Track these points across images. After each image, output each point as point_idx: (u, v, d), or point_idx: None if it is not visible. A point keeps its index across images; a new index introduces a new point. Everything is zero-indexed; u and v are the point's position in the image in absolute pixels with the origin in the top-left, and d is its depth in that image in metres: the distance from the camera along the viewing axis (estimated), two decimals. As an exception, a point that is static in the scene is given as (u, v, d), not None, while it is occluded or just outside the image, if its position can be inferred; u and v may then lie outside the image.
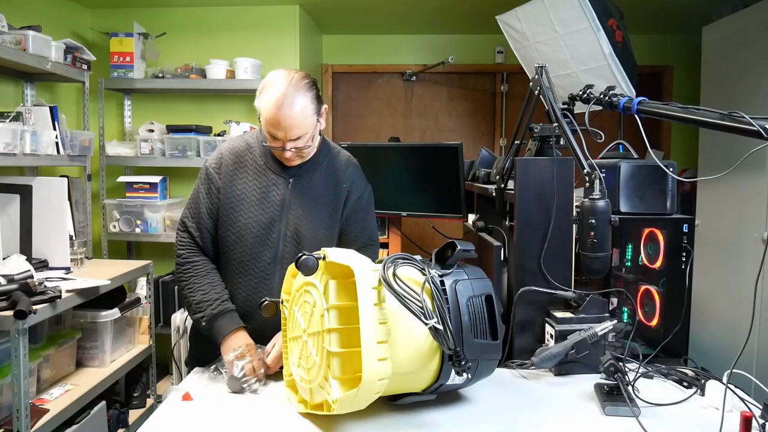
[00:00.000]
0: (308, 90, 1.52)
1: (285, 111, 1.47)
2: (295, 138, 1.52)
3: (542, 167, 1.63)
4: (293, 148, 1.54)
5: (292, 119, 1.48)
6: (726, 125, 1.25)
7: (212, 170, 1.65)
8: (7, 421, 1.97)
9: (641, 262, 1.82)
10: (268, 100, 1.49)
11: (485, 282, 1.33)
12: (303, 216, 1.62)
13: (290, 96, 1.48)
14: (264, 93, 1.51)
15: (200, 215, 1.64)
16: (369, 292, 1.16)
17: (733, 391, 1.32)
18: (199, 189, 1.66)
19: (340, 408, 1.15)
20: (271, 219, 1.60)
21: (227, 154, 1.66)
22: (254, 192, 1.62)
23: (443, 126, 4.37)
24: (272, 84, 1.50)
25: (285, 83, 1.49)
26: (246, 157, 1.66)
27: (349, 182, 1.69)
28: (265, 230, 1.60)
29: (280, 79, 1.50)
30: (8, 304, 1.91)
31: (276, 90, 1.48)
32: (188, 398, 1.39)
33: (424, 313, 1.15)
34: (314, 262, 1.22)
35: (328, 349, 1.16)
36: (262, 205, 1.61)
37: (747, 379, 1.35)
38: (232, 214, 1.61)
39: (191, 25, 3.51)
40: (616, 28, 2.50)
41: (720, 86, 3.13)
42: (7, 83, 2.84)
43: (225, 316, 1.56)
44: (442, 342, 1.17)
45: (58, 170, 3.06)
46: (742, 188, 2.91)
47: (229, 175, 1.63)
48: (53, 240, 2.44)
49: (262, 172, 1.64)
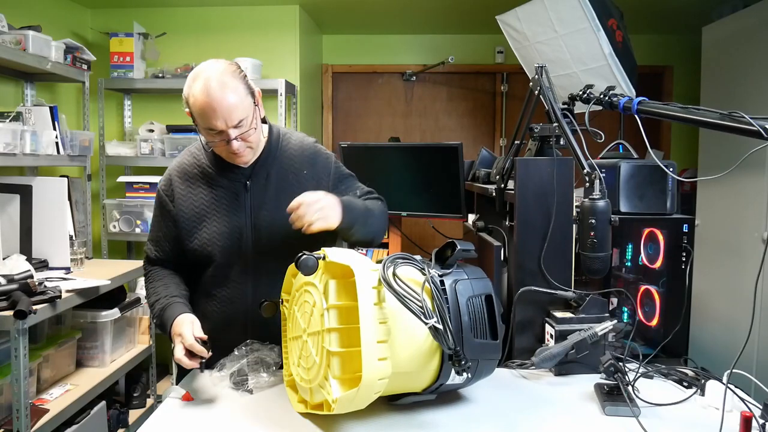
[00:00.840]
0: (235, 71, 1.43)
1: (216, 94, 1.36)
2: (237, 123, 1.40)
3: (542, 167, 1.63)
4: (238, 137, 1.42)
5: (227, 102, 1.37)
6: (726, 125, 1.25)
7: (163, 194, 1.57)
8: (7, 421, 1.97)
9: (641, 262, 1.82)
10: (195, 92, 1.39)
11: (485, 282, 1.33)
12: (270, 215, 1.53)
13: (218, 80, 1.38)
14: (190, 88, 1.41)
15: (158, 239, 1.60)
16: (369, 291, 1.16)
17: (733, 391, 1.32)
18: (155, 214, 1.61)
19: (340, 408, 1.15)
20: (234, 228, 1.52)
21: (175, 173, 1.57)
22: (212, 205, 1.53)
23: (443, 126, 4.37)
24: (196, 77, 1.40)
25: (208, 71, 1.40)
26: (194, 171, 1.56)
27: (310, 167, 1.58)
28: (230, 240, 1.52)
29: (203, 69, 1.41)
30: (8, 304, 1.91)
31: (201, 79, 1.39)
32: (188, 398, 1.39)
33: (424, 313, 1.15)
34: (314, 261, 1.22)
35: (327, 348, 1.16)
36: (222, 216, 1.52)
37: (747, 379, 1.35)
38: (194, 233, 1.53)
39: (191, 25, 3.51)
40: (616, 28, 2.50)
41: (720, 86, 3.13)
42: (7, 83, 2.84)
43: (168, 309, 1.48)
44: (441, 341, 1.17)
45: (58, 170, 3.06)
46: (742, 188, 2.91)
47: (181, 194, 1.55)
48: (53, 240, 2.44)
49: (215, 181, 1.54)
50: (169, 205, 1.55)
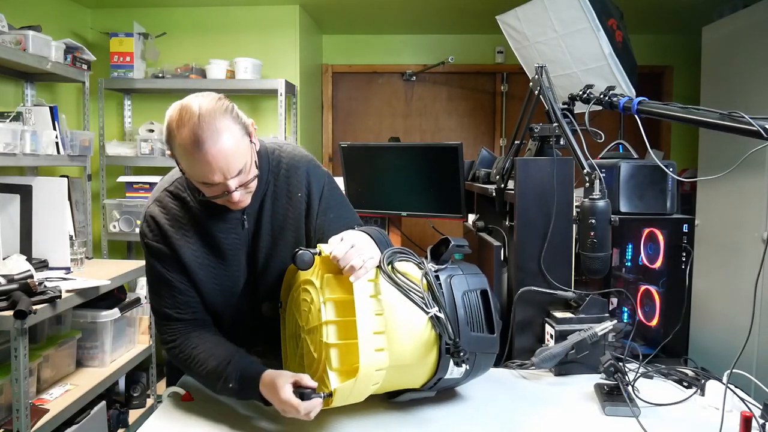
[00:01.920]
0: (225, 110, 1.20)
1: (211, 148, 1.15)
2: (237, 174, 1.20)
3: (542, 167, 1.63)
4: (238, 187, 1.22)
5: (224, 154, 1.16)
6: (726, 125, 1.25)
7: (155, 244, 1.34)
8: (7, 421, 1.97)
9: (641, 262, 1.82)
10: (183, 142, 1.16)
11: (480, 277, 1.34)
12: (266, 246, 1.39)
13: (207, 125, 1.15)
14: (176, 135, 1.18)
15: (175, 300, 1.34)
16: (365, 284, 1.17)
17: (733, 391, 1.32)
18: (154, 270, 1.35)
19: (338, 400, 1.15)
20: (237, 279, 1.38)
21: (164, 221, 1.34)
22: (209, 257, 1.35)
23: (443, 126, 4.37)
24: (180, 120, 1.17)
25: (196, 114, 1.16)
26: (182, 215, 1.34)
27: (304, 187, 1.40)
28: (232, 279, 1.38)
29: (188, 110, 1.18)
30: (8, 304, 1.91)
31: (188, 126, 1.16)
32: (188, 398, 1.39)
33: (425, 303, 1.15)
34: (310, 256, 1.22)
35: (325, 341, 1.17)
36: (224, 267, 1.36)
37: (747, 379, 1.35)
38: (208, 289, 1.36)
39: (191, 25, 3.51)
40: (616, 28, 2.50)
41: (720, 86, 3.13)
42: (7, 83, 2.84)
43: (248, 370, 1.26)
44: (443, 331, 1.17)
45: (58, 170, 3.06)
46: (742, 188, 2.91)
47: (174, 243, 1.32)
48: (53, 240, 2.44)
49: (209, 226, 1.34)
50: (170, 254, 1.33)
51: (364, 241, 1.23)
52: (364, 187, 2.87)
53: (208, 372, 1.28)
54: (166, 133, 1.21)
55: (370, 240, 1.26)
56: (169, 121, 1.20)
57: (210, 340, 1.33)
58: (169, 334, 1.35)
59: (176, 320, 1.35)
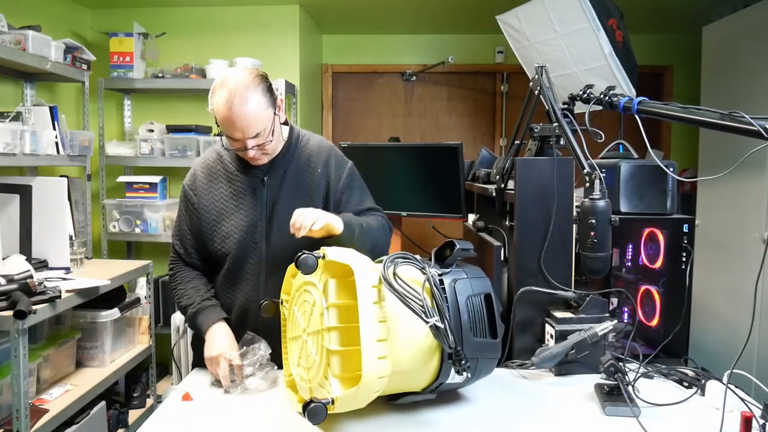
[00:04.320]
0: (258, 84, 1.48)
1: (237, 110, 1.44)
2: (254, 135, 1.49)
3: (542, 167, 1.63)
4: (254, 147, 1.51)
5: (246, 117, 1.46)
6: (726, 125, 1.25)
7: (188, 188, 1.67)
8: (7, 422, 1.96)
9: (641, 262, 1.82)
10: (219, 102, 1.46)
11: (484, 281, 1.33)
12: (284, 211, 1.58)
13: (240, 94, 1.44)
14: (214, 96, 1.48)
15: (182, 234, 1.68)
16: (368, 290, 1.16)
17: (734, 391, 1.32)
18: (180, 208, 1.70)
19: (340, 406, 1.15)
20: (250, 222, 1.60)
21: (199, 169, 1.67)
22: (231, 200, 1.62)
23: (443, 126, 4.37)
24: (221, 85, 1.47)
25: (233, 82, 1.45)
26: (217, 167, 1.66)
27: (324, 167, 1.65)
28: (246, 234, 1.60)
29: (228, 79, 1.47)
30: (8, 304, 1.91)
31: (224, 90, 1.45)
32: (188, 398, 1.39)
33: (425, 312, 1.15)
34: (313, 260, 1.22)
35: (327, 347, 1.16)
36: (240, 210, 1.61)
37: (747, 379, 1.35)
38: (215, 227, 1.62)
39: (191, 25, 3.51)
40: (617, 28, 2.50)
41: (720, 86, 3.13)
42: (7, 83, 2.84)
43: (204, 312, 1.58)
44: (442, 340, 1.17)
45: (57, 170, 3.05)
46: (742, 188, 2.91)
47: (204, 189, 1.64)
48: (53, 240, 2.44)
49: (235, 177, 1.63)
50: (193, 199, 1.65)
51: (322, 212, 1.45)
52: (364, 187, 2.86)
53: (180, 305, 1.64)
54: (211, 92, 1.49)
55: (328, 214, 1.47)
56: (214, 85, 1.49)
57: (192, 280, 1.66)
58: (170, 264, 1.72)
59: (174, 251, 1.70)
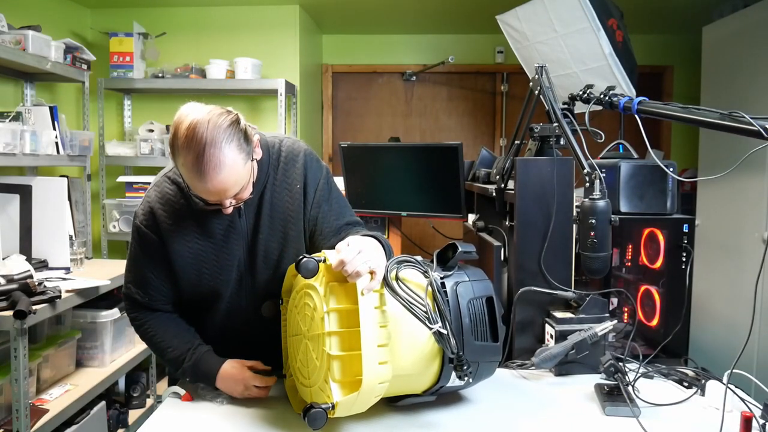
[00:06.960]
0: (232, 137, 1.20)
1: (211, 177, 1.18)
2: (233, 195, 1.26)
3: (542, 167, 1.63)
4: (233, 202, 1.28)
5: (223, 183, 1.20)
6: (726, 125, 1.25)
7: (146, 231, 1.37)
8: (7, 421, 1.96)
9: (641, 262, 1.82)
10: (186, 165, 1.19)
11: (486, 284, 1.33)
12: (266, 240, 1.41)
13: (213, 158, 1.17)
14: (178, 154, 1.19)
15: (146, 280, 1.42)
16: (370, 295, 1.16)
17: (734, 391, 1.32)
18: (134, 252, 1.42)
19: (340, 412, 1.15)
20: (232, 257, 1.40)
21: (158, 207, 1.37)
22: (206, 239, 1.38)
23: (443, 126, 4.37)
24: (186, 143, 1.17)
25: (201, 142, 1.16)
26: (180, 202, 1.37)
27: (300, 179, 1.43)
28: (230, 271, 1.41)
29: (196, 134, 1.17)
30: (8, 304, 1.91)
31: (191, 153, 1.17)
32: (188, 398, 1.39)
33: (428, 318, 1.15)
34: (314, 264, 1.21)
35: (328, 352, 1.16)
36: (219, 247, 1.39)
37: (747, 379, 1.35)
38: (191, 272, 1.40)
39: (191, 25, 3.51)
40: (617, 28, 2.49)
41: (720, 86, 3.13)
42: (7, 83, 2.84)
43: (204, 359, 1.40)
44: (445, 346, 1.17)
45: (57, 170, 3.05)
46: (742, 188, 2.90)
47: (170, 231, 1.36)
48: (53, 240, 2.44)
49: (206, 215, 1.36)
50: (156, 244, 1.38)
51: (371, 246, 1.22)
52: (364, 187, 2.87)
53: (167, 360, 1.43)
54: (171, 141, 1.21)
55: (378, 245, 1.26)
56: (176, 134, 1.19)
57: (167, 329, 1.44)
58: (129, 308, 1.47)
59: (131, 299, 1.45)
